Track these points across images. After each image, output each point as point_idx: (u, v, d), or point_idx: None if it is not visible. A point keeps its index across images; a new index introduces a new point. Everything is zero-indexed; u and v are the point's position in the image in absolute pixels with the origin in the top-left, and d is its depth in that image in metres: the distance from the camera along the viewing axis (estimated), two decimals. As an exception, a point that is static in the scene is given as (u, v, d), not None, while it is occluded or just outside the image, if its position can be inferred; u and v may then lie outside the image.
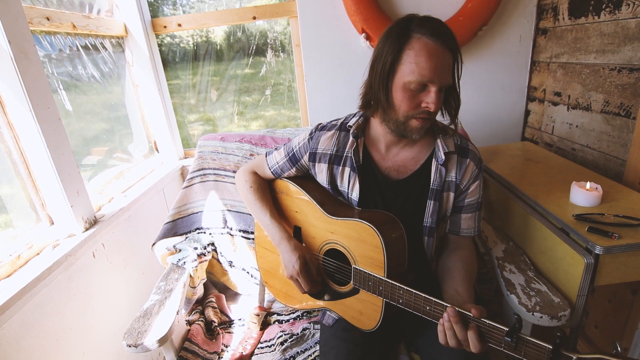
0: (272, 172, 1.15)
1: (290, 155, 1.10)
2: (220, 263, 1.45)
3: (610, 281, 0.96)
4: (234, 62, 2.01)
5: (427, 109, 0.85)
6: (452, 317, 0.75)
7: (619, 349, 0.64)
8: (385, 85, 0.87)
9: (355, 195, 1.01)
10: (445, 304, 0.78)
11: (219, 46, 1.98)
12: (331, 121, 1.08)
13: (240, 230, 1.43)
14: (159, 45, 1.90)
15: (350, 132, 1.00)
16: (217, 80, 2.06)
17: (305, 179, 1.13)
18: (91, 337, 1.25)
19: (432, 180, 0.96)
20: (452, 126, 0.96)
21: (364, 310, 0.98)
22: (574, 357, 0.65)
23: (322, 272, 1.07)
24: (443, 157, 0.94)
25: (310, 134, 1.07)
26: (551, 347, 0.67)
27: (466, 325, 0.75)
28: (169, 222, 1.43)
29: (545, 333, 0.84)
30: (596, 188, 1.07)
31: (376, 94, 0.89)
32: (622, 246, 0.89)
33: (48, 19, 1.25)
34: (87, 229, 1.26)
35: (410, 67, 0.82)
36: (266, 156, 1.16)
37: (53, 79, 1.33)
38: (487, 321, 0.73)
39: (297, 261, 0.99)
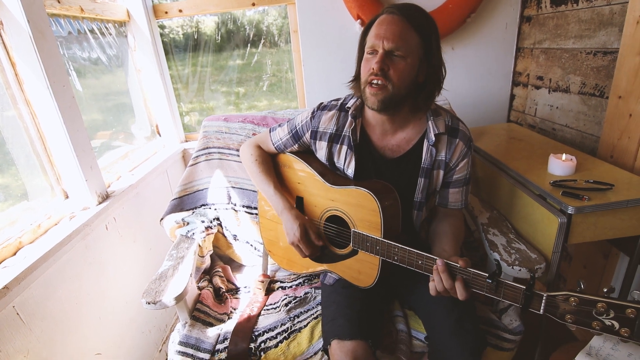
0: (275, 147, 1.24)
1: (293, 132, 1.19)
2: (225, 237, 1.54)
3: (582, 240, 1.07)
4: (228, 52, 2.08)
5: (372, 70, 0.94)
6: (439, 267, 0.86)
7: (582, 286, 0.74)
8: (359, 61, 1.02)
9: (350, 171, 1.10)
10: (434, 257, 0.88)
11: (210, 37, 2.05)
12: (331, 101, 1.16)
13: (243, 206, 1.52)
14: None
15: (349, 112, 1.09)
16: (211, 71, 2.12)
17: (306, 153, 1.22)
18: (105, 304, 1.33)
19: (423, 160, 1.05)
20: (428, 102, 1.03)
21: (362, 269, 1.08)
22: (544, 295, 0.76)
23: (324, 237, 1.16)
24: (433, 139, 1.02)
25: (313, 112, 1.15)
26: (525, 288, 0.77)
27: (452, 275, 0.86)
28: (176, 198, 1.51)
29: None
30: (571, 159, 1.19)
31: (356, 70, 1.04)
32: (591, 206, 1.01)
33: (59, 2, 1.31)
34: (100, 203, 1.33)
35: (368, 39, 0.96)
36: (270, 132, 1.25)
37: (64, 60, 1.39)
38: (472, 270, 0.84)
39: (297, 229, 1.09)
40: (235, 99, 2.21)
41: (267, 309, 1.28)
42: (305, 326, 1.16)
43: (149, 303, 1.04)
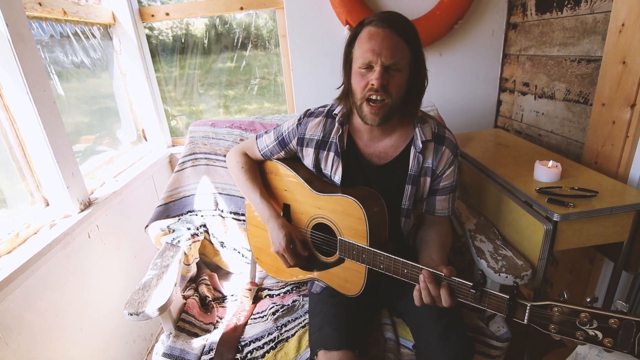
0: (262, 154, 1.22)
1: (279, 139, 1.18)
2: (212, 244, 1.51)
3: (568, 246, 1.08)
4: (217, 55, 2.06)
5: (371, 86, 0.92)
6: (427, 278, 0.85)
7: (565, 296, 0.75)
8: (348, 75, 0.99)
9: (337, 178, 1.10)
10: (420, 266, 0.88)
11: (199, 39, 2.03)
12: (318, 107, 1.15)
13: (231, 212, 1.50)
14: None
15: (336, 119, 1.08)
16: (200, 74, 2.10)
17: (293, 160, 1.21)
18: (88, 314, 1.30)
19: (410, 167, 1.05)
20: (416, 108, 1.03)
21: (349, 278, 1.07)
22: (528, 305, 0.75)
23: (310, 244, 1.15)
24: (420, 146, 1.02)
25: (299, 119, 1.15)
26: (508, 297, 0.77)
27: (438, 283, 0.85)
28: (162, 204, 1.48)
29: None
30: (556, 166, 1.20)
31: (345, 84, 1.02)
32: (576, 213, 1.01)
33: (40, 5, 1.28)
34: (82, 210, 1.30)
35: (358, 53, 0.94)
36: (256, 139, 1.23)
37: (45, 64, 1.36)
38: (456, 279, 0.84)
39: (283, 238, 1.08)
40: (224, 102, 2.19)
41: (254, 318, 1.25)
42: (292, 335, 1.14)
43: (131, 314, 1.01)
